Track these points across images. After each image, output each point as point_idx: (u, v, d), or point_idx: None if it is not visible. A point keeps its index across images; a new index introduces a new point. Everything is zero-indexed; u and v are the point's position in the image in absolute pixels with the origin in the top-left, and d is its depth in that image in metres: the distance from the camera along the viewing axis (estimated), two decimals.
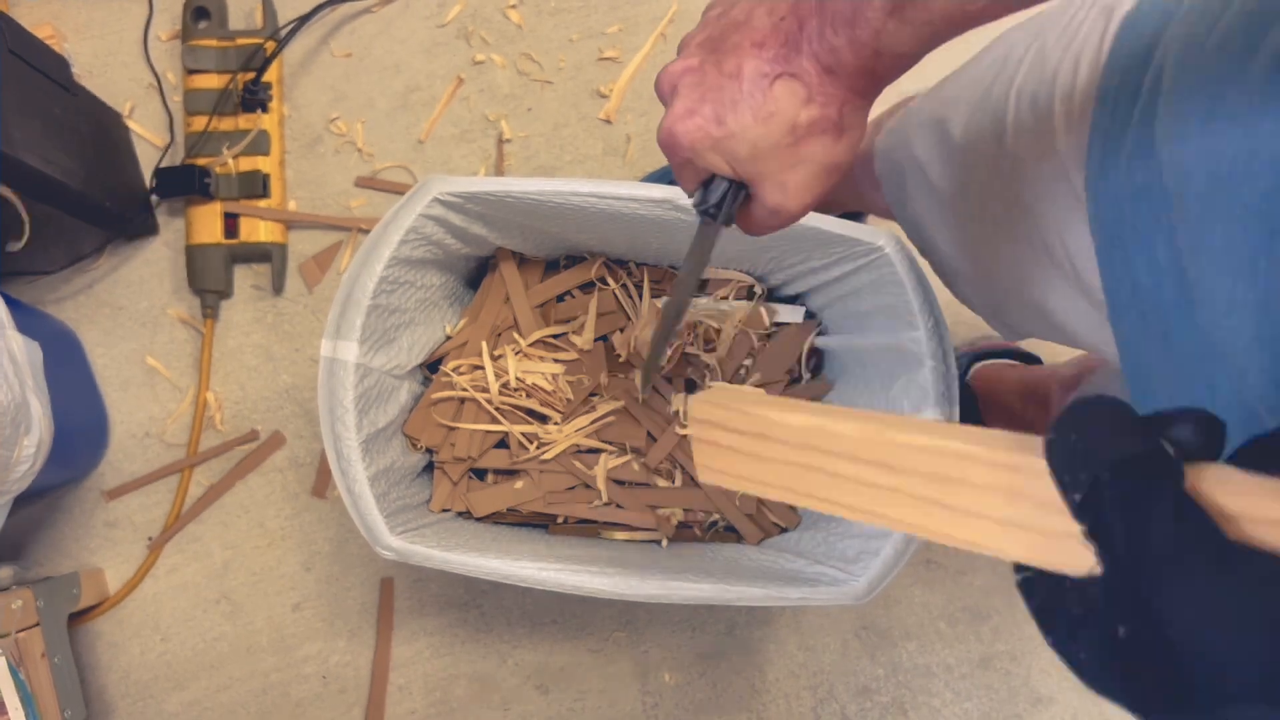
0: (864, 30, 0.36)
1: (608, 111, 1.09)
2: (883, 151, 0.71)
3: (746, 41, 0.40)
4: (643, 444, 0.87)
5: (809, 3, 0.38)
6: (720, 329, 0.87)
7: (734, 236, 0.74)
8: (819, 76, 0.38)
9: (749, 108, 0.40)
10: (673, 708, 1.05)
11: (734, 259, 0.86)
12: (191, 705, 1.05)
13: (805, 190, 0.42)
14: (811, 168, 0.41)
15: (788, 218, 0.44)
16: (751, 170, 0.41)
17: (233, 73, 1.04)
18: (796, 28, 0.38)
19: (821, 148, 0.40)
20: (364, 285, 0.71)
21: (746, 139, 0.40)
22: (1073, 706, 1.06)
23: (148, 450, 1.06)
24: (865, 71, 0.38)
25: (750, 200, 0.44)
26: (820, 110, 0.39)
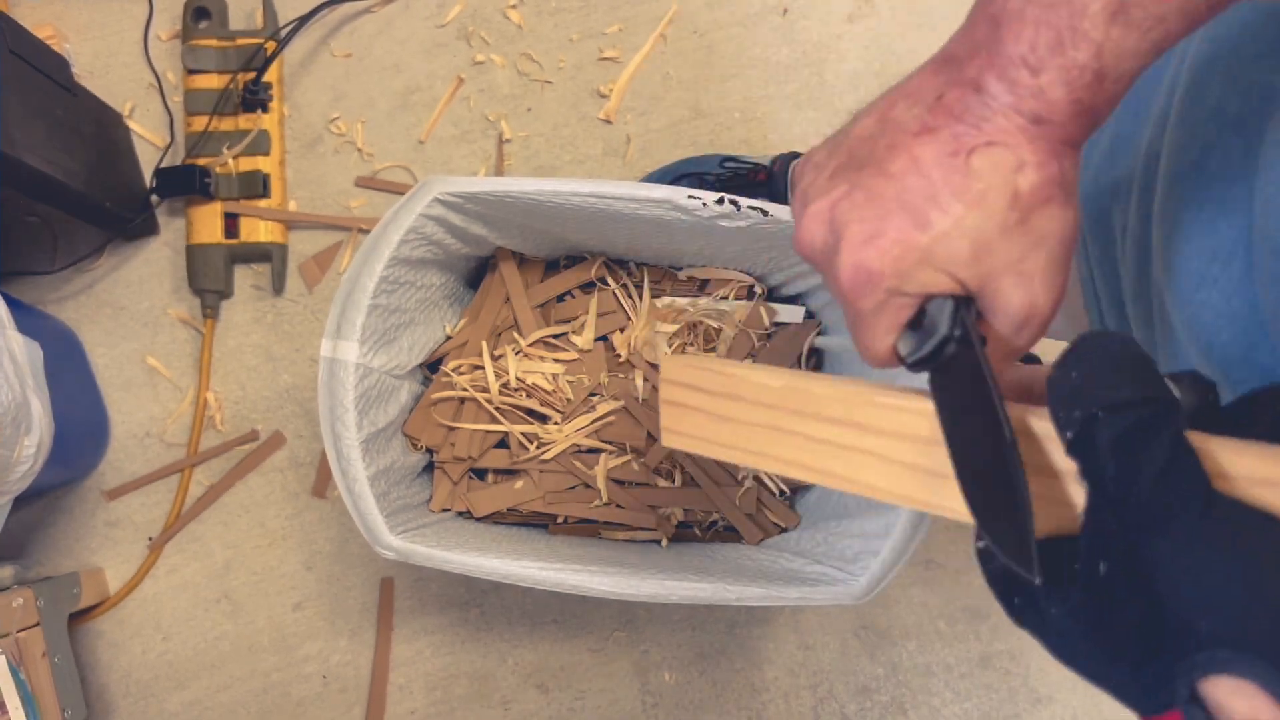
0: (1081, 50, 0.29)
1: (608, 111, 1.09)
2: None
3: (905, 136, 0.32)
4: (643, 444, 0.87)
5: (974, 64, 0.31)
6: (720, 329, 0.87)
7: (732, 236, 0.75)
8: (1025, 133, 0.31)
9: (952, 194, 0.31)
10: (673, 707, 1.05)
11: (734, 259, 0.86)
12: (192, 705, 1.05)
13: (1054, 276, 0.33)
14: (1051, 245, 0.32)
15: (1042, 321, 0.33)
16: (982, 270, 0.32)
17: (233, 73, 1.04)
18: (972, 93, 0.31)
19: (1055, 218, 0.32)
20: (364, 285, 0.71)
21: (964, 231, 0.31)
22: (1072, 706, 1.07)
23: (148, 450, 1.06)
24: (1083, 108, 0.31)
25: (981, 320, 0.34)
26: (1039, 172, 0.31)
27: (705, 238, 0.77)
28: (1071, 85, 0.30)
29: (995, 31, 0.31)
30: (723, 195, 0.69)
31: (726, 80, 1.10)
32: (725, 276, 0.88)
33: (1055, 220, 0.32)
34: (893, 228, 0.32)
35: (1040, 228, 0.32)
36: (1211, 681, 0.23)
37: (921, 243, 0.32)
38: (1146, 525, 0.25)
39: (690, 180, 1.01)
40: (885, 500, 0.34)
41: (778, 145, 1.09)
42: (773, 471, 0.38)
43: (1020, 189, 0.31)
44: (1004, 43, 0.30)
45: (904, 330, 0.35)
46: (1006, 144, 0.31)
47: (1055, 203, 0.32)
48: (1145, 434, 0.25)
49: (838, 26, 1.11)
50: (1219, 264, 0.36)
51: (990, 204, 0.31)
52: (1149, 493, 0.24)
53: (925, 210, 0.32)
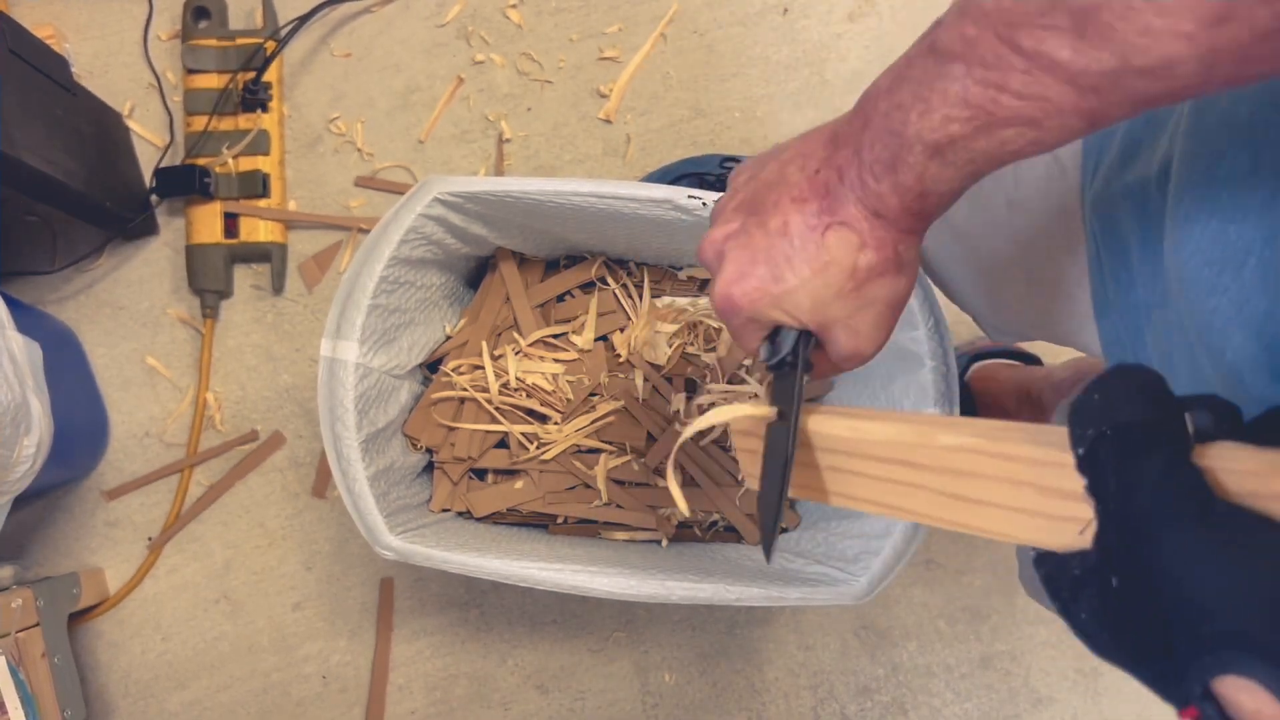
0: (906, 175, 0.36)
1: (608, 111, 1.09)
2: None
3: (785, 199, 0.40)
4: (643, 444, 0.87)
5: (844, 153, 0.38)
6: (720, 329, 0.87)
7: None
8: (868, 221, 0.38)
9: (804, 261, 0.39)
10: (673, 707, 1.05)
11: None
12: (192, 705, 1.05)
13: (877, 330, 0.42)
14: (878, 307, 0.41)
15: (862, 359, 0.43)
16: (819, 318, 0.41)
17: (233, 72, 1.04)
18: (836, 178, 0.38)
19: (885, 287, 0.40)
20: (364, 285, 0.71)
21: (808, 291, 0.40)
22: (1073, 706, 1.07)
23: (148, 450, 1.06)
24: (912, 213, 0.37)
25: (820, 347, 0.44)
26: (876, 253, 0.39)
27: None
28: (901, 197, 0.37)
29: (862, 132, 0.37)
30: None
31: (726, 80, 1.10)
32: None
33: (885, 289, 0.40)
34: (755, 276, 0.41)
35: (871, 294, 0.40)
36: (1221, 680, 0.24)
37: (775, 292, 0.41)
38: (1148, 535, 0.26)
39: (690, 180, 1.01)
40: (940, 526, 0.37)
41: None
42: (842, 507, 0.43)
43: (858, 265, 0.39)
44: (863, 147, 0.37)
45: (764, 340, 0.44)
46: (853, 227, 0.39)
47: (888, 276, 0.40)
48: (1145, 449, 0.27)
49: (838, 26, 1.11)
50: (1230, 272, 0.37)
51: (832, 274, 0.39)
52: (1148, 503, 0.26)
53: (783, 269, 0.40)
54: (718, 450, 0.87)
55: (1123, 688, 1.07)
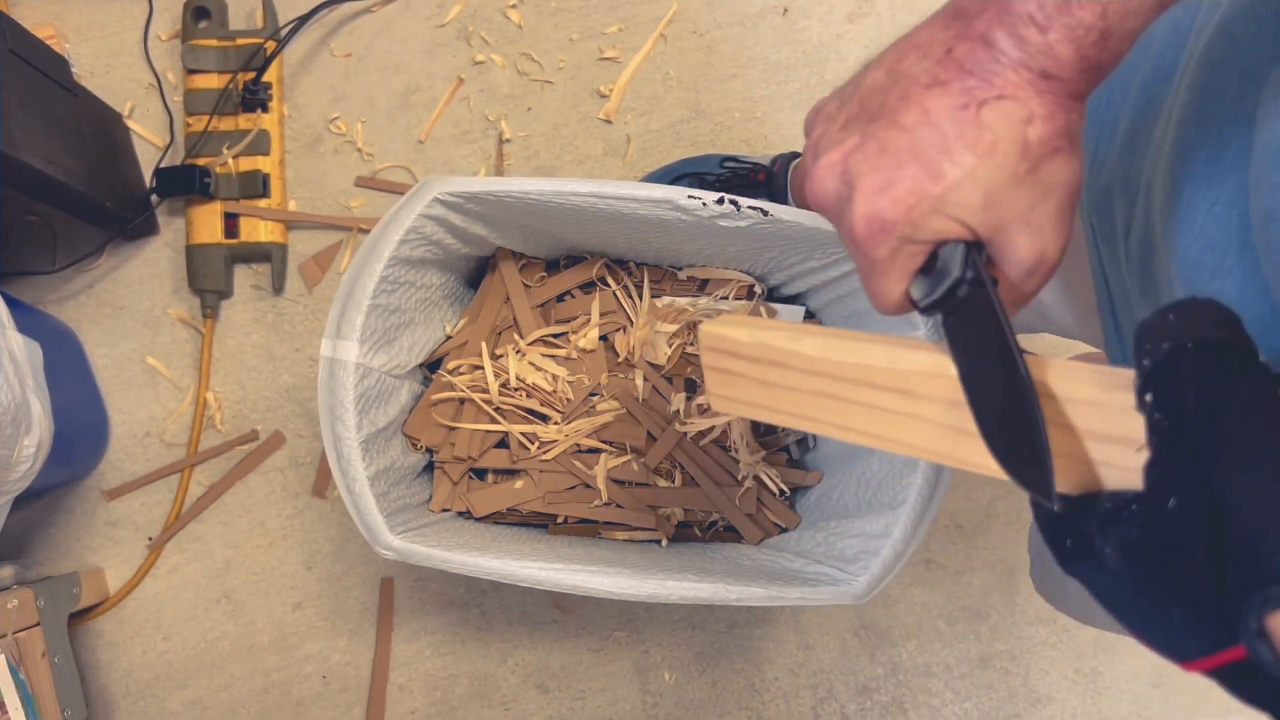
0: (1087, 10, 0.30)
1: (608, 111, 1.09)
2: None
3: (915, 88, 0.33)
4: (643, 444, 0.87)
5: (983, 19, 0.32)
6: None
7: (732, 236, 0.75)
8: (1033, 86, 0.32)
9: (964, 146, 0.32)
10: (673, 707, 1.05)
11: (734, 259, 0.86)
12: (193, 704, 1.05)
13: (1061, 224, 0.34)
14: (1059, 195, 0.34)
15: (1050, 267, 0.35)
16: (992, 219, 0.33)
17: (233, 73, 1.04)
18: (981, 47, 0.32)
19: (1063, 168, 0.33)
20: (364, 285, 0.71)
21: (976, 181, 0.33)
22: (1072, 706, 1.07)
23: (148, 450, 1.06)
24: (1089, 65, 0.31)
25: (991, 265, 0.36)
26: (1047, 125, 0.32)
27: (705, 238, 0.77)
28: (1078, 43, 0.31)
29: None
30: (723, 195, 0.69)
31: (726, 80, 1.10)
32: (725, 276, 0.88)
33: (1063, 170, 0.33)
34: (906, 177, 0.33)
35: (1049, 177, 0.33)
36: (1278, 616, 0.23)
37: (934, 192, 0.33)
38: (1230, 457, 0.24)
39: (690, 180, 1.01)
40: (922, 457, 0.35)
41: (778, 145, 1.09)
42: (820, 434, 0.39)
43: (1029, 140, 0.32)
44: (1010, 2, 0.31)
45: (915, 276, 0.36)
46: (1016, 97, 0.32)
47: (1063, 153, 0.33)
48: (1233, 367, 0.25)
49: (838, 26, 1.11)
50: (1232, 255, 0.36)
51: (1001, 155, 0.32)
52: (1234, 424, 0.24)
53: (938, 161, 0.33)
54: (718, 450, 0.87)
55: (1122, 688, 1.07)
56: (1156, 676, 1.07)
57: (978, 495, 1.08)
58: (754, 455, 0.86)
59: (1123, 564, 0.27)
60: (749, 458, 0.86)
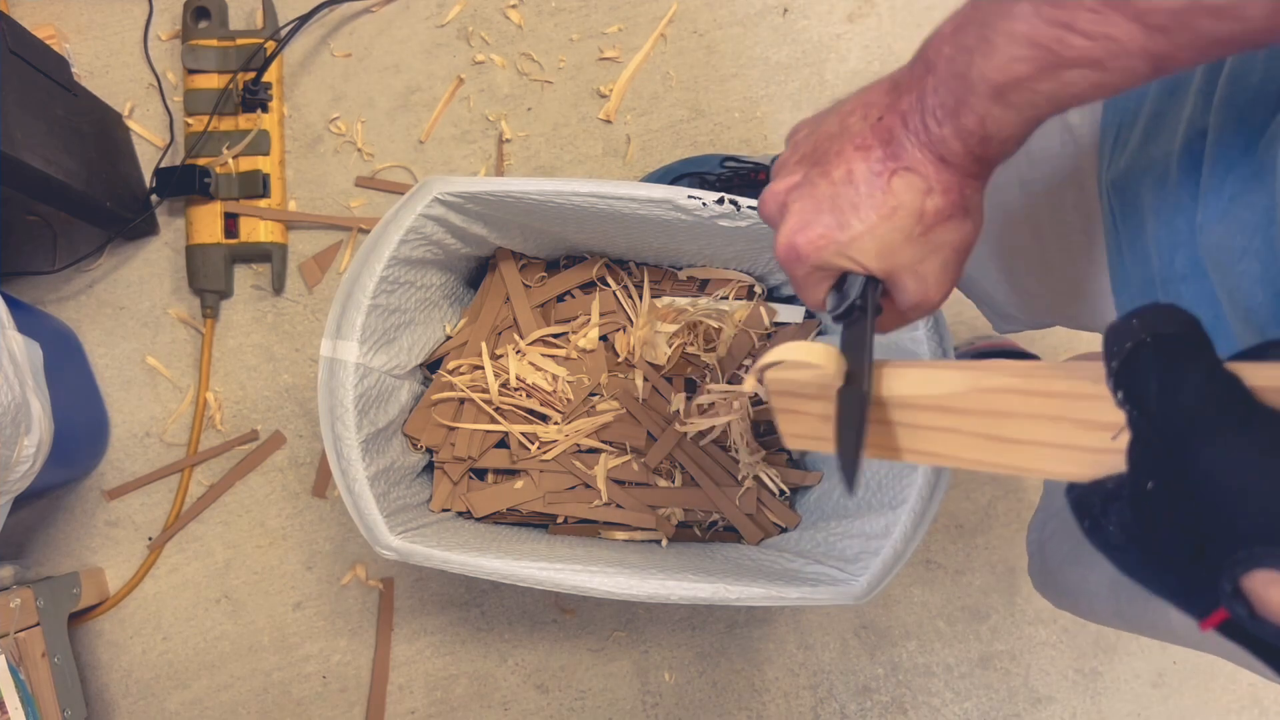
0: (969, 118, 0.36)
1: (608, 111, 1.09)
2: None
3: (849, 147, 0.40)
4: (643, 444, 0.87)
5: (907, 99, 0.38)
6: (720, 329, 0.87)
7: (732, 236, 0.75)
8: (933, 165, 0.38)
9: (871, 207, 0.39)
10: (673, 707, 1.05)
11: (734, 259, 0.86)
12: (193, 704, 1.05)
13: (944, 277, 0.41)
14: (945, 253, 0.41)
15: (930, 308, 0.43)
16: (885, 266, 0.41)
17: (233, 73, 1.04)
18: (900, 124, 0.38)
19: (952, 231, 0.40)
20: (364, 285, 0.71)
21: (875, 237, 0.40)
22: (1072, 706, 1.07)
23: (148, 450, 1.06)
24: (975, 158, 0.38)
25: (886, 297, 0.43)
26: (943, 197, 0.39)
27: (705, 238, 0.77)
28: (964, 141, 0.37)
29: (924, 77, 0.37)
30: (723, 195, 0.69)
31: (726, 80, 1.10)
32: (725, 276, 0.88)
33: (953, 233, 0.40)
34: (821, 224, 0.40)
35: (938, 239, 0.40)
36: (1252, 576, 0.25)
37: (841, 239, 0.40)
38: (1189, 438, 0.27)
39: (690, 180, 1.01)
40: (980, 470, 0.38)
41: (778, 145, 1.09)
42: (887, 460, 0.42)
43: (926, 209, 0.39)
44: (925, 92, 0.37)
45: (830, 290, 0.44)
46: (919, 172, 0.38)
47: (955, 219, 0.40)
48: (1187, 356, 0.28)
49: (838, 26, 1.11)
50: (1260, 236, 0.38)
51: (899, 219, 0.39)
52: (1191, 406, 0.27)
53: (848, 215, 0.40)
54: (717, 450, 0.87)
55: (1122, 688, 1.07)
56: (1156, 676, 1.07)
57: (978, 495, 1.08)
58: (754, 455, 0.86)
59: (1124, 540, 0.29)
60: (749, 458, 0.86)
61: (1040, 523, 0.74)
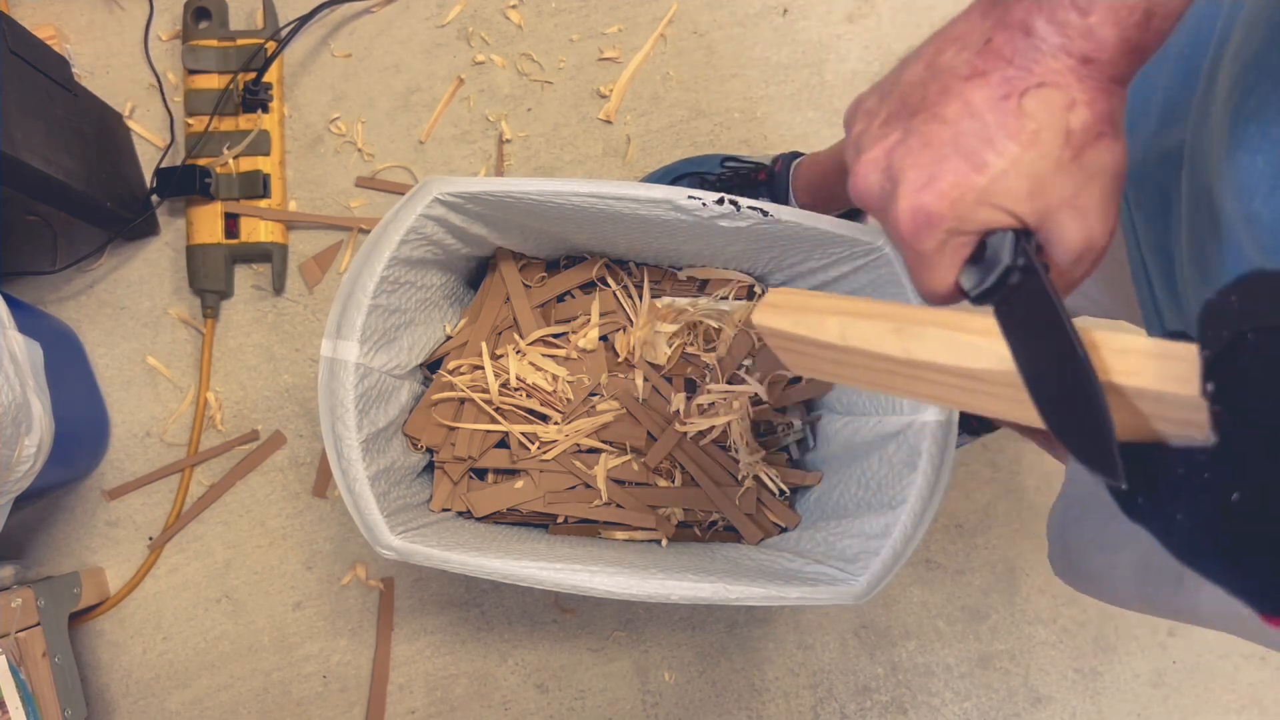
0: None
1: (608, 112, 1.09)
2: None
3: (955, 81, 0.34)
4: (643, 444, 0.87)
5: (1021, 6, 0.32)
6: (720, 328, 0.87)
7: (732, 236, 0.75)
8: (1074, 73, 0.32)
9: (1007, 136, 0.32)
10: (673, 706, 1.05)
11: (734, 259, 0.86)
12: (193, 704, 1.05)
13: (1107, 209, 0.34)
14: (1104, 180, 0.34)
15: (1099, 252, 0.35)
16: (1039, 206, 0.33)
17: (233, 73, 1.05)
18: (1021, 35, 0.32)
19: (1106, 153, 0.33)
20: (364, 285, 0.71)
21: (1021, 170, 0.33)
22: (1071, 706, 1.07)
23: (148, 450, 1.06)
24: (1131, 46, 0.31)
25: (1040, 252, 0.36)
26: (1090, 110, 0.32)
27: (705, 238, 0.77)
28: (1121, 24, 0.31)
29: None
30: (723, 195, 0.69)
31: (726, 80, 1.10)
32: (725, 276, 0.88)
33: (1107, 154, 0.33)
34: (950, 170, 0.33)
35: (1093, 163, 0.33)
36: None
37: (979, 184, 0.33)
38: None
39: (690, 180, 1.01)
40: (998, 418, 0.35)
41: (778, 145, 1.09)
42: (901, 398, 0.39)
43: (1073, 127, 0.32)
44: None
45: (964, 266, 0.36)
46: (1057, 84, 0.32)
47: (1106, 138, 0.33)
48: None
49: (838, 26, 1.11)
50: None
51: (1044, 143, 0.32)
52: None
53: (981, 152, 0.33)
54: (717, 450, 0.87)
55: (1122, 688, 1.07)
56: (1156, 676, 1.07)
57: (978, 495, 1.08)
58: (754, 455, 0.86)
59: (1195, 535, 0.27)
60: (749, 458, 0.86)
61: (1062, 508, 0.73)
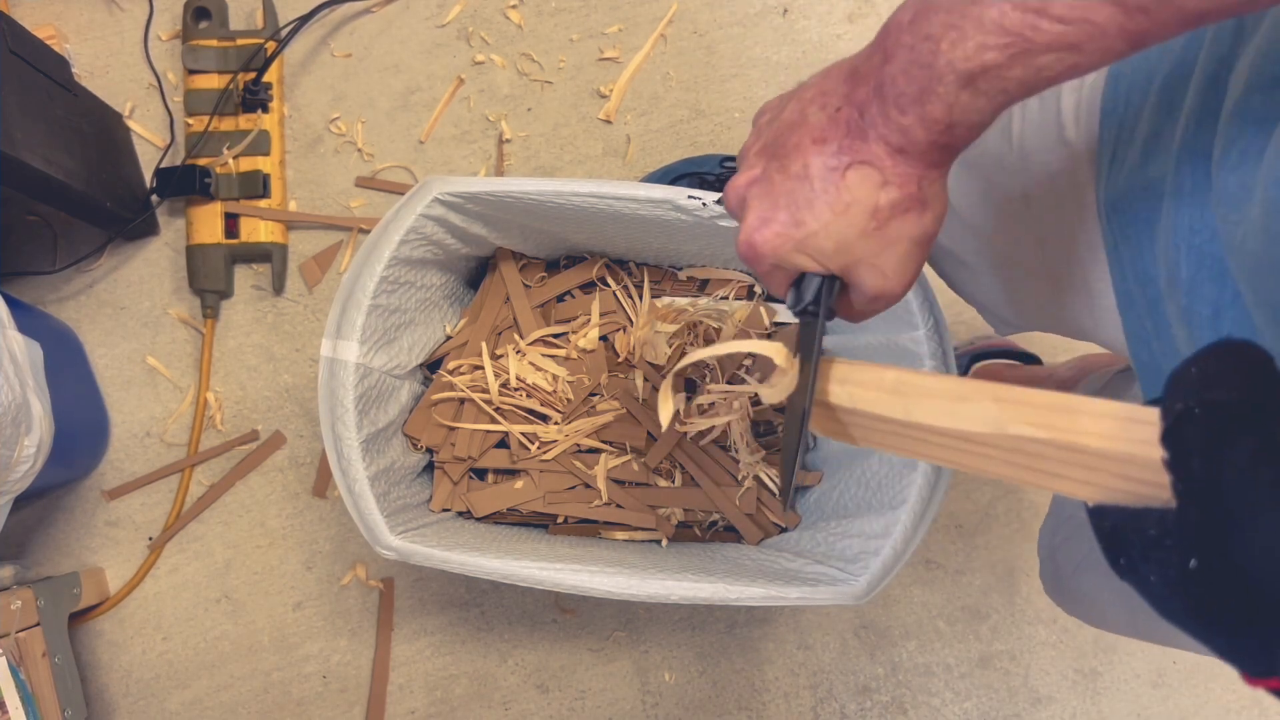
0: (935, 106, 0.35)
1: (608, 111, 1.09)
2: None
3: (806, 140, 0.40)
4: (643, 444, 0.87)
5: (864, 89, 0.37)
6: (720, 329, 0.87)
7: (732, 236, 0.75)
8: (890, 158, 0.38)
9: (825, 203, 0.39)
10: (673, 707, 1.05)
11: (733, 259, 0.86)
12: (193, 704, 1.05)
13: (903, 269, 0.41)
14: (903, 245, 0.40)
15: (891, 299, 0.42)
16: (843, 262, 0.41)
17: (233, 73, 1.05)
18: (857, 115, 0.38)
19: (909, 224, 0.40)
20: (364, 285, 0.71)
21: (830, 234, 0.40)
22: (1072, 706, 1.07)
23: (148, 450, 1.06)
24: (938, 146, 0.37)
25: (846, 290, 0.44)
26: (899, 190, 0.38)
27: (705, 238, 0.77)
28: (928, 130, 0.36)
29: (882, 66, 0.36)
30: (722, 195, 0.69)
31: (726, 80, 1.10)
32: (725, 276, 0.88)
33: (909, 226, 0.40)
34: (778, 220, 0.41)
35: (895, 232, 0.40)
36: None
37: (796, 237, 0.41)
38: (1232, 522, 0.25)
39: (690, 180, 1.01)
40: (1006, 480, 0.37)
41: None
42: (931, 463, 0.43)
43: (880, 204, 0.39)
44: (884, 82, 0.36)
45: (791, 285, 0.44)
46: (875, 165, 0.38)
47: (911, 213, 0.39)
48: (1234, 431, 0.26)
49: (838, 26, 1.11)
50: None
51: (854, 214, 0.39)
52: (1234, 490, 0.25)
53: (803, 212, 0.40)
54: (718, 450, 0.87)
55: (1122, 688, 1.07)
56: (1156, 676, 1.07)
57: (978, 495, 1.08)
58: (754, 455, 0.86)
59: (1164, 592, 0.28)
60: (749, 458, 0.86)
61: (1051, 529, 0.73)
